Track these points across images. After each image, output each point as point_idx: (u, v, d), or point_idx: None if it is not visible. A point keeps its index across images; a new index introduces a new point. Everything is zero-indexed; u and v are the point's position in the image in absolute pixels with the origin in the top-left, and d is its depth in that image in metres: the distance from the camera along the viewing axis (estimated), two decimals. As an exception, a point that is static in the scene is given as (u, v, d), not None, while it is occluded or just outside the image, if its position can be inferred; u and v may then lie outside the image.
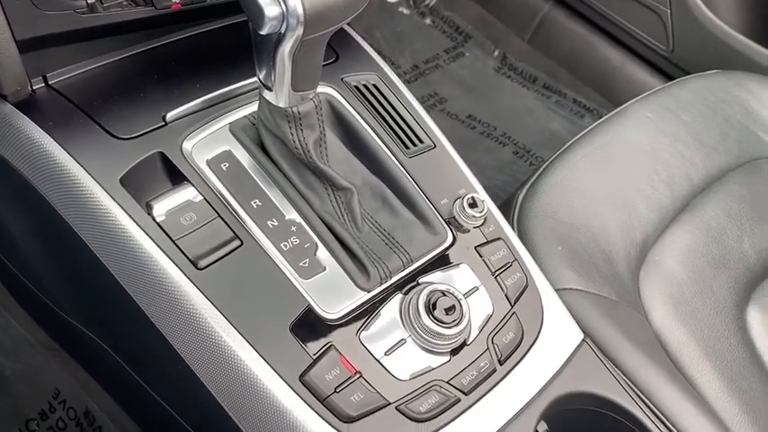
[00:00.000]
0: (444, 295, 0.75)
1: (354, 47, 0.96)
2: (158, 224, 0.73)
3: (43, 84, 0.79)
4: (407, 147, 0.88)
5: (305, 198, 0.78)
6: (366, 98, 0.89)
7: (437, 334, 0.74)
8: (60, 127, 0.75)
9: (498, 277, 0.83)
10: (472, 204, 0.83)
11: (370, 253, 0.77)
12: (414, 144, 0.89)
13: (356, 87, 0.89)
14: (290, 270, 0.74)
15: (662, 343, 1.01)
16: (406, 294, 0.77)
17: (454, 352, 0.77)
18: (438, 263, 0.81)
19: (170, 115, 0.79)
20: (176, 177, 0.76)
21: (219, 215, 0.75)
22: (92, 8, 0.75)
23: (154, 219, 0.73)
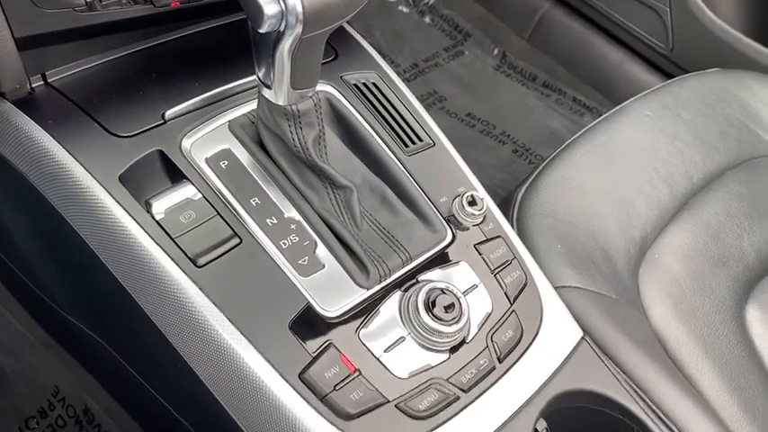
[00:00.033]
0: (443, 293, 0.75)
1: (354, 45, 0.95)
2: (157, 222, 0.72)
3: (42, 82, 0.78)
4: (407, 145, 0.88)
5: (304, 196, 0.78)
6: (365, 96, 0.89)
7: (436, 332, 0.74)
8: (59, 125, 0.75)
9: (497, 275, 0.83)
10: (471, 202, 0.83)
11: (369, 251, 0.77)
12: (413, 142, 0.89)
13: (355, 86, 0.89)
14: (290, 268, 0.74)
15: (661, 341, 1.01)
16: (406, 292, 0.77)
17: (453, 350, 0.77)
18: (437, 261, 0.81)
19: (169, 113, 0.79)
20: (175, 175, 0.76)
21: (219, 213, 0.75)
22: (90, 6, 0.75)
23: (153, 217, 0.73)
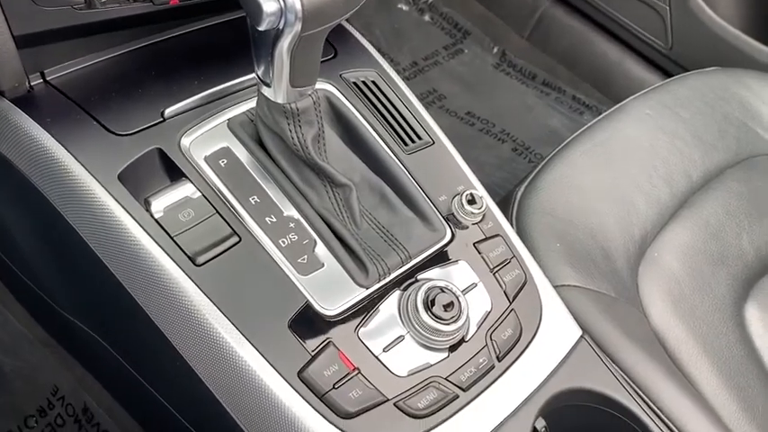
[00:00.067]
0: (443, 292, 0.75)
1: (353, 43, 0.95)
2: (156, 220, 0.72)
3: (41, 80, 0.78)
4: (406, 143, 0.88)
5: (303, 195, 0.77)
6: (365, 95, 0.89)
7: (435, 330, 0.74)
8: (58, 123, 0.75)
9: (497, 274, 0.83)
10: (471, 201, 0.83)
11: (368, 250, 0.77)
12: (412, 141, 0.89)
13: (355, 84, 0.89)
14: (289, 266, 0.74)
15: (660, 340, 1.01)
16: (405, 291, 0.77)
17: (452, 348, 0.77)
18: (436, 259, 0.81)
19: (168, 111, 0.78)
20: (174, 174, 0.76)
21: (218, 211, 0.75)
22: (89, 4, 0.75)
23: (152, 215, 0.73)
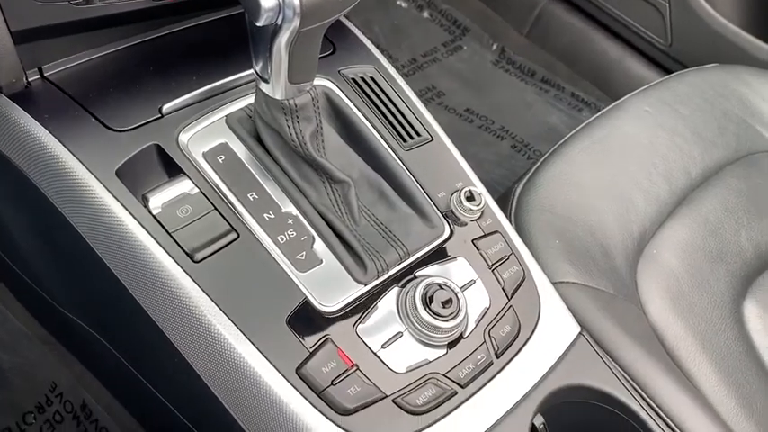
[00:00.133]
0: (441, 288, 0.75)
1: (352, 39, 0.95)
2: (154, 217, 0.72)
3: (39, 75, 0.78)
4: (405, 140, 0.88)
5: (302, 191, 0.77)
6: (363, 91, 0.89)
7: (434, 327, 0.74)
8: (56, 119, 0.75)
9: (495, 270, 0.83)
10: (469, 197, 0.83)
11: (367, 246, 0.77)
12: (411, 137, 0.88)
13: (353, 80, 0.89)
14: (287, 263, 0.74)
15: (659, 336, 1.01)
16: (403, 287, 0.77)
17: (451, 345, 0.77)
18: (435, 256, 0.81)
19: (166, 107, 0.78)
20: (172, 170, 0.76)
21: (216, 208, 0.74)
22: (87, 0, 0.74)
23: (150, 211, 0.72)
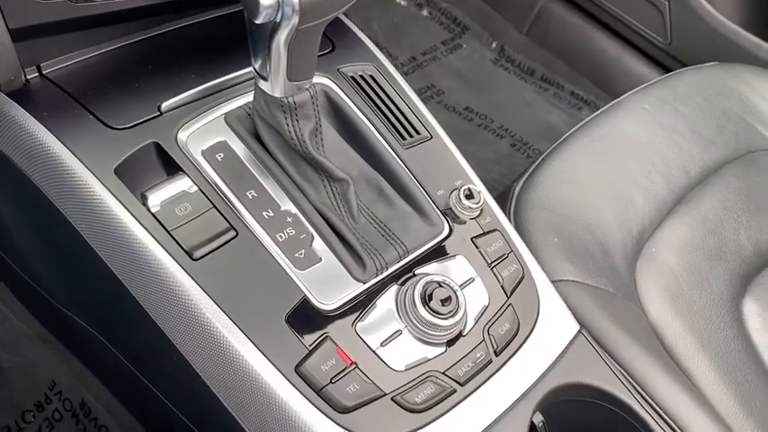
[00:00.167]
0: (440, 286, 0.75)
1: (351, 37, 0.95)
2: (153, 215, 0.72)
3: (37, 73, 0.78)
4: (404, 138, 0.88)
5: (301, 189, 0.77)
6: (362, 89, 0.89)
7: (433, 325, 0.74)
8: (54, 117, 0.74)
9: (494, 268, 0.83)
10: (469, 195, 0.83)
11: (366, 244, 0.77)
12: (410, 135, 0.88)
13: (353, 78, 0.89)
14: (286, 261, 0.74)
15: (658, 335, 1.02)
16: (402, 285, 0.77)
17: (450, 343, 0.77)
18: (434, 254, 0.81)
19: (165, 105, 0.78)
20: (171, 168, 0.76)
21: (214, 206, 0.74)
22: (86, -3, 0.74)
23: (149, 209, 0.72)
